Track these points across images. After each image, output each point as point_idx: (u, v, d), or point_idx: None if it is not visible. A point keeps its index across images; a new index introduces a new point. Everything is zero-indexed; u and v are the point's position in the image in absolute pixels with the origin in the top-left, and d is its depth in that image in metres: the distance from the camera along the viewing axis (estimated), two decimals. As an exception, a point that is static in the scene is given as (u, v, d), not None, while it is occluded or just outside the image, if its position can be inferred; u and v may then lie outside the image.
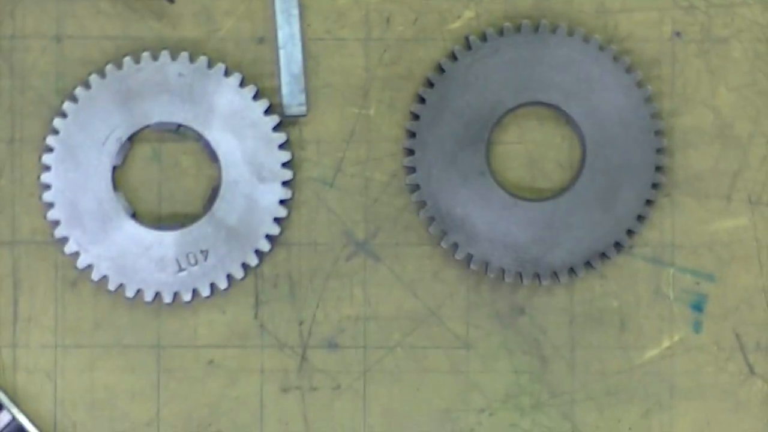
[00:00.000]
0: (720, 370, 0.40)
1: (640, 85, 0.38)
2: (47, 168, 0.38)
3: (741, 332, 0.40)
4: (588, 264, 0.39)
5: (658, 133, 0.38)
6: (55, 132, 0.38)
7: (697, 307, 0.40)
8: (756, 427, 0.41)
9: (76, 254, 0.38)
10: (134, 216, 0.39)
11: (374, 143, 0.41)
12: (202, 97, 0.39)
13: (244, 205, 0.39)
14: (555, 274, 0.39)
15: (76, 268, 0.39)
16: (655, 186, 0.38)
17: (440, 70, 0.39)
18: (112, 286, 0.38)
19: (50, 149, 0.37)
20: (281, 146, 0.38)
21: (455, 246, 0.39)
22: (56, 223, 0.38)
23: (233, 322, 0.40)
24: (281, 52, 0.39)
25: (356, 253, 0.41)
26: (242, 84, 0.38)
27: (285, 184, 0.39)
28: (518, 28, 0.39)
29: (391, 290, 0.41)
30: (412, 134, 0.39)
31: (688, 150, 0.40)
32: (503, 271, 0.39)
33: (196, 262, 0.39)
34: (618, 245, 0.39)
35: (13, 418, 0.39)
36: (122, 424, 0.40)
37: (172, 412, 0.40)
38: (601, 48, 0.38)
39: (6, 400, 0.39)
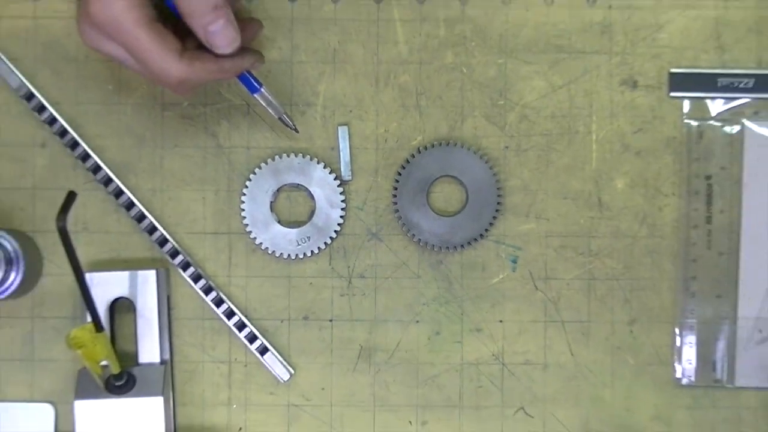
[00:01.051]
0: (522, 287, 0.63)
1: (491, 168, 0.61)
2: (243, 202, 0.61)
3: (532, 272, 0.63)
4: (468, 243, 0.61)
5: (498, 188, 0.61)
6: (246, 186, 0.61)
7: (514, 261, 0.63)
8: (534, 312, 0.63)
9: (255, 238, 0.62)
10: (279, 222, 0.62)
11: (380, 192, 0.63)
12: (307, 172, 0.62)
13: (325, 218, 0.62)
14: (455, 247, 0.61)
15: (255, 244, 0.62)
16: (497, 211, 0.61)
17: (407, 161, 0.61)
18: (269, 252, 0.62)
19: (244, 194, 0.62)
20: (341, 193, 0.62)
21: (413, 235, 0.62)
22: (246, 225, 0.62)
23: (320, 267, 0.63)
24: (341, 153, 0.62)
25: (372, 238, 0.63)
26: (324, 167, 0.62)
27: (342, 209, 0.62)
28: (440, 144, 0.61)
29: (387, 254, 0.63)
30: (395, 188, 0.62)
31: (512, 195, 0.63)
32: (434, 246, 0.61)
33: (305, 241, 0.62)
34: (481, 236, 0.61)
35: (223, 297, 0.61)
36: (272, 308, 0.63)
37: (294, 305, 0.63)
38: (474, 152, 0.61)
39: (225, 297, 0.62)
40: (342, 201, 0.64)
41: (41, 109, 0.63)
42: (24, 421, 0.62)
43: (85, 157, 0.63)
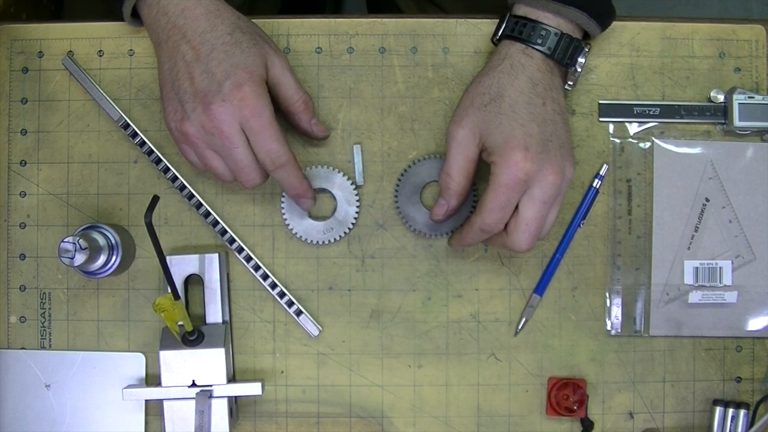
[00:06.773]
0: (492, 263, 0.73)
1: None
2: (282, 202, 0.71)
3: (499, 252, 0.73)
4: (451, 231, 0.71)
5: (474, 190, 0.70)
6: (283, 197, 0.72)
7: (486, 244, 0.73)
8: (501, 282, 0.73)
9: (291, 229, 0.71)
10: (310, 216, 0.71)
11: (385, 194, 0.73)
12: (330, 179, 0.71)
13: (344, 213, 0.71)
14: (441, 234, 0.71)
15: (292, 233, 0.72)
16: (473, 207, 0.70)
17: (405, 170, 0.71)
18: (303, 239, 0.71)
19: (283, 196, 0.70)
20: (356, 195, 0.71)
21: (410, 226, 0.71)
22: (285, 219, 0.71)
23: (341, 250, 0.72)
24: (356, 165, 0.72)
25: (379, 228, 0.73)
26: (343, 175, 0.71)
27: (357, 206, 0.71)
28: (430, 157, 0.71)
29: (390, 240, 0.73)
30: (396, 191, 0.71)
31: (482, 195, 0.80)
32: (425, 233, 0.71)
33: (329, 231, 0.72)
34: (461, 225, 0.69)
35: (268, 273, 0.71)
36: (305, 281, 0.72)
37: (321, 278, 0.73)
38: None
39: (269, 273, 0.71)
40: (357, 200, 0.73)
41: (134, 135, 0.73)
42: (123, 366, 0.73)
43: (166, 170, 0.73)
